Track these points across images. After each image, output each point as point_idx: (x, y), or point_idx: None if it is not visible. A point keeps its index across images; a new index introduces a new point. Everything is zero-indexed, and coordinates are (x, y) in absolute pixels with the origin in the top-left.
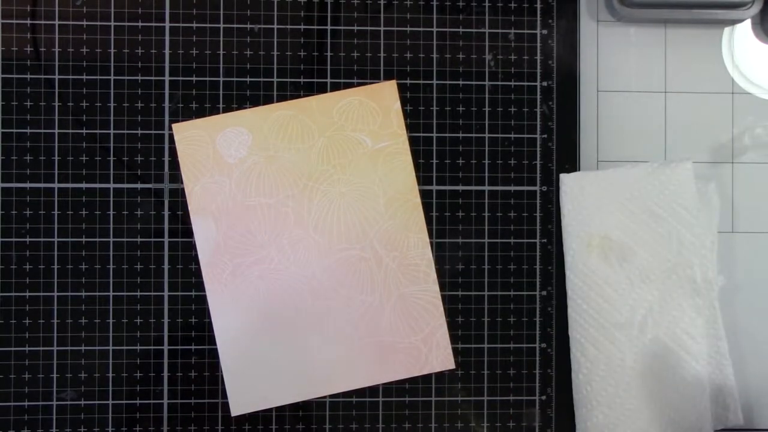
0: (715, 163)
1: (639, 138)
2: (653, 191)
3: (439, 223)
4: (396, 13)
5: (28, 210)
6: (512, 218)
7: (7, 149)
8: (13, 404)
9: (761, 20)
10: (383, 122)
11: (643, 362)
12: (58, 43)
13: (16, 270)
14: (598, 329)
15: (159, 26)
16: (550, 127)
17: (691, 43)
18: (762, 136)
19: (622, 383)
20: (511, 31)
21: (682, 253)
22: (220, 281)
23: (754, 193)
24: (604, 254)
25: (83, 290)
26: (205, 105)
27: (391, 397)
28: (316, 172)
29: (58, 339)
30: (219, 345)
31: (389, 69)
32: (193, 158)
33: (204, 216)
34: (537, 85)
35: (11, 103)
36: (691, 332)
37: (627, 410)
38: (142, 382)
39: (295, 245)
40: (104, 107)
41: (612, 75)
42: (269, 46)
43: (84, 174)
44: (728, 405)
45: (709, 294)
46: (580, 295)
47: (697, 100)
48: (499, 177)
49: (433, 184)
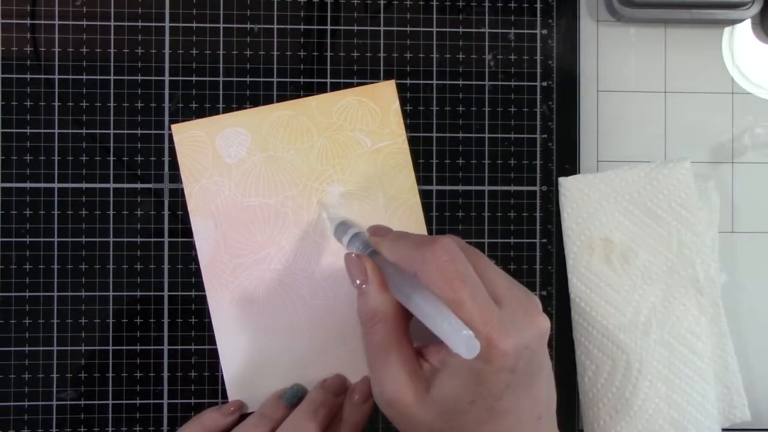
0: (714, 162)
1: (639, 138)
2: (652, 191)
3: (439, 223)
4: (396, 13)
5: (28, 210)
6: (512, 218)
7: (7, 149)
8: (13, 404)
9: (761, 20)
10: (382, 122)
11: (648, 363)
12: (58, 43)
13: (16, 270)
14: (602, 332)
15: (159, 26)
16: (550, 127)
17: (691, 43)
18: (762, 136)
19: (628, 385)
20: (511, 31)
21: (683, 252)
22: (220, 281)
23: (754, 193)
24: (606, 256)
25: (83, 290)
26: (205, 105)
27: None
28: (315, 172)
29: (58, 339)
30: (219, 345)
31: (389, 69)
32: (193, 159)
33: (204, 216)
34: (537, 85)
35: (11, 103)
36: (696, 331)
37: (633, 412)
38: (142, 382)
39: (295, 245)
40: (104, 107)
41: (612, 75)
42: (269, 46)
43: (84, 174)
44: (735, 402)
45: (711, 292)
46: (583, 298)
47: (697, 100)
48: (499, 177)
49: (433, 184)
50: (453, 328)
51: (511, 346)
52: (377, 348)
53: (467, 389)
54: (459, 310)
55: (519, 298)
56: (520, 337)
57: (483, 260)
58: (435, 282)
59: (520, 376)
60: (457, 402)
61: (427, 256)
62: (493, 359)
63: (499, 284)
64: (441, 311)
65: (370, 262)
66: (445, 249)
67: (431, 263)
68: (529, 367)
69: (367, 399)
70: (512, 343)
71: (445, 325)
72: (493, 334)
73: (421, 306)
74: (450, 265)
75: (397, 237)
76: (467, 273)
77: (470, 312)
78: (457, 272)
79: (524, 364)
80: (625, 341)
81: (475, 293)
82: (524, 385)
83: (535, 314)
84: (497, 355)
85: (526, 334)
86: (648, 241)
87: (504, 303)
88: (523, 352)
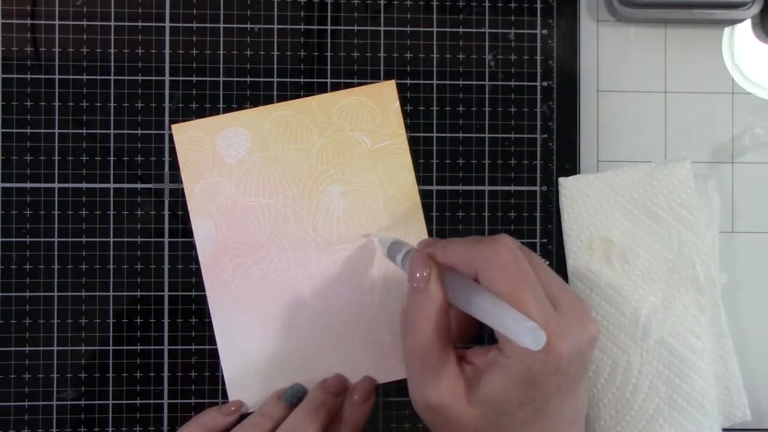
0: (714, 162)
1: (639, 138)
2: (652, 192)
3: (439, 223)
4: (396, 13)
5: (28, 210)
6: (512, 218)
7: (7, 149)
8: (13, 404)
9: (761, 20)
10: (382, 122)
11: (648, 363)
12: (58, 43)
13: (16, 270)
14: (603, 332)
15: (159, 26)
16: (550, 127)
17: (691, 43)
18: (762, 136)
19: (629, 385)
20: (511, 31)
21: (683, 252)
22: (220, 281)
23: (754, 193)
24: (606, 257)
25: (83, 290)
26: (205, 105)
27: (391, 397)
28: (315, 172)
29: (58, 339)
30: (219, 345)
31: (389, 69)
32: (193, 159)
33: (204, 216)
34: (537, 85)
35: (11, 103)
36: (696, 331)
37: (634, 412)
38: (142, 382)
39: (295, 245)
40: (104, 107)
41: (612, 75)
42: (269, 46)
43: (84, 174)
44: (735, 402)
45: (711, 292)
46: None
47: (697, 100)
48: (499, 177)
49: (433, 184)
50: (518, 322)
51: (566, 349)
52: (421, 350)
53: (519, 390)
54: (521, 309)
55: (572, 302)
56: (575, 342)
57: (538, 261)
58: (497, 281)
59: (570, 379)
60: (507, 403)
61: (489, 254)
62: (549, 361)
63: (555, 287)
64: (503, 308)
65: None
66: (507, 248)
67: (494, 261)
68: (578, 372)
69: (367, 399)
70: (567, 346)
71: (509, 320)
72: (552, 336)
73: (482, 305)
74: (513, 265)
75: (450, 241)
76: (529, 273)
77: (532, 312)
78: (519, 272)
79: (575, 368)
80: (625, 341)
81: (537, 294)
82: (571, 389)
83: (587, 319)
84: (554, 358)
85: (580, 338)
86: (648, 241)
87: (560, 306)
88: (576, 356)
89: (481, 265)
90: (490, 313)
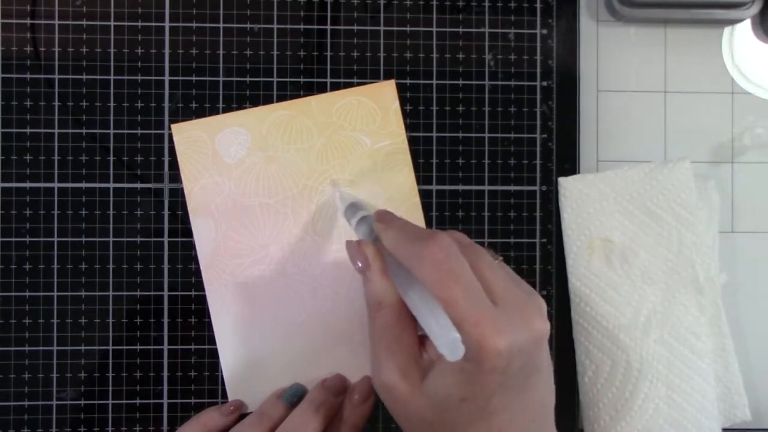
0: (714, 162)
1: (639, 138)
2: (652, 191)
3: (439, 223)
4: (396, 13)
5: (28, 210)
6: (512, 218)
7: (7, 149)
8: (13, 404)
9: (761, 20)
10: (382, 122)
11: (648, 363)
12: (58, 43)
13: (16, 270)
14: (602, 332)
15: (159, 26)
16: (550, 127)
17: (691, 43)
18: (762, 136)
19: (628, 385)
20: (511, 31)
21: (683, 252)
22: (220, 281)
23: (754, 193)
24: (606, 256)
25: (83, 290)
26: (205, 105)
27: None
28: (315, 172)
29: (58, 339)
30: (219, 345)
31: (389, 69)
32: (193, 159)
33: (203, 216)
34: (537, 85)
35: (11, 103)
36: (696, 331)
37: (634, 412)
38: (142, 382)
39: (295, 245)
40: (104, 107)
41: (612, 75)
42: (269, 46)
43: (84, 174)
44: (735, 402)
45: (711, 292)
46: (583, 298)
47: (697, 100)
48: (499, 177)
49: (433, 184)
50: (441, 328)
51: (503, 346)
52: (380, 332)
53: (458, 387)
54: (451, 308)
55: (518, 298)
56: (514, 339)
57: (484, 259)
58: (428, 279)
59: (514, 377)
60: (448, 398)
61: (423, 252)
62: (483, 360)
63: (498, 284)
64: (432, 309)
65: (371, 248)
66: (440, 246)
67: (426, 260)
68: (524, 369)
69: (367, 399)
70: (505, 343)
71: (433, 324)
72: (485, 335)
73: (414, 301)
74: (444, 263)
75: (398, 228)
76: (462, 271)
77: (462, 311)
78: (451, 270)
79: (518, 365)
80: (625, 341)
81: (469, 292)
82: (518, 386)
83: (533, 316)
84: (488, 356)
85: (521, 335)
86: (648, 241)
87: (500, 303)
88: (517, 354)
89: (414, 263)
90: (420, 311)
